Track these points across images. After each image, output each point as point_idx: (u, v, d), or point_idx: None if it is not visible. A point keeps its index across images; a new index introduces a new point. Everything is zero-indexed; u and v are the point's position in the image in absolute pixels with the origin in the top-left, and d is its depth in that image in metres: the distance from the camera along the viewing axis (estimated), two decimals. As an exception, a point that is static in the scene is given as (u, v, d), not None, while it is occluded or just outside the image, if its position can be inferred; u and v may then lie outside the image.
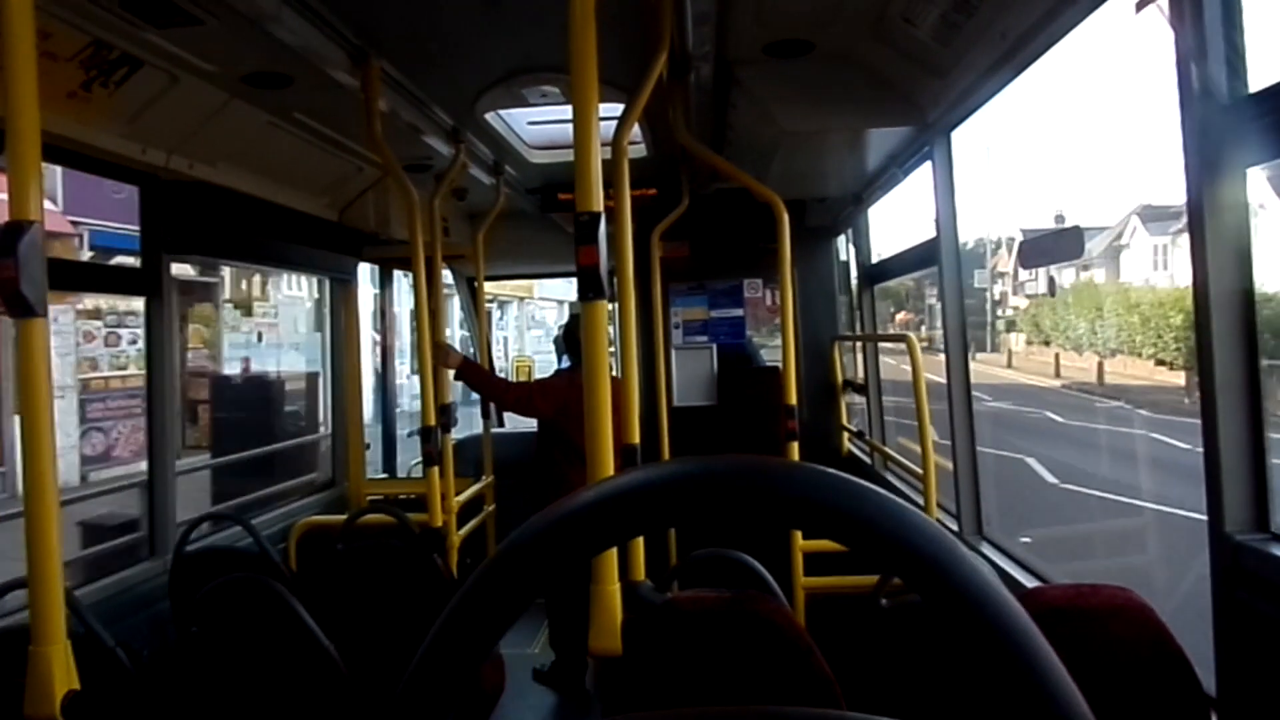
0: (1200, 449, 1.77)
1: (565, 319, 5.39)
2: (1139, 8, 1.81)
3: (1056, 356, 24.20)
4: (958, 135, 3.28)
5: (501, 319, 21.30)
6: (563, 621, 4.43)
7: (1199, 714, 1.74)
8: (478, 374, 4.50)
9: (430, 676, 0.54)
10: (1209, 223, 1.69)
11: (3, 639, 2.08)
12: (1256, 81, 1.67)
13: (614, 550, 1.91)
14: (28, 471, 1.70)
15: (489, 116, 3.78)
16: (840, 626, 2.64)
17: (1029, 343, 31.87)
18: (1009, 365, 29.09)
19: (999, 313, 40.95)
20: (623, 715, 0.52)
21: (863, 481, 0.49)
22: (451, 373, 4.28)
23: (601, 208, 1.77)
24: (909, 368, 3.75)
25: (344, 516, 3.82)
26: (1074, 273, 36.12)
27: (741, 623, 1.85)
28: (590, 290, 1.80)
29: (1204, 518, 1.81)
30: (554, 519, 0.51)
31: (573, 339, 4.61)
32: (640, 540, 2.25)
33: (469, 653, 0.53)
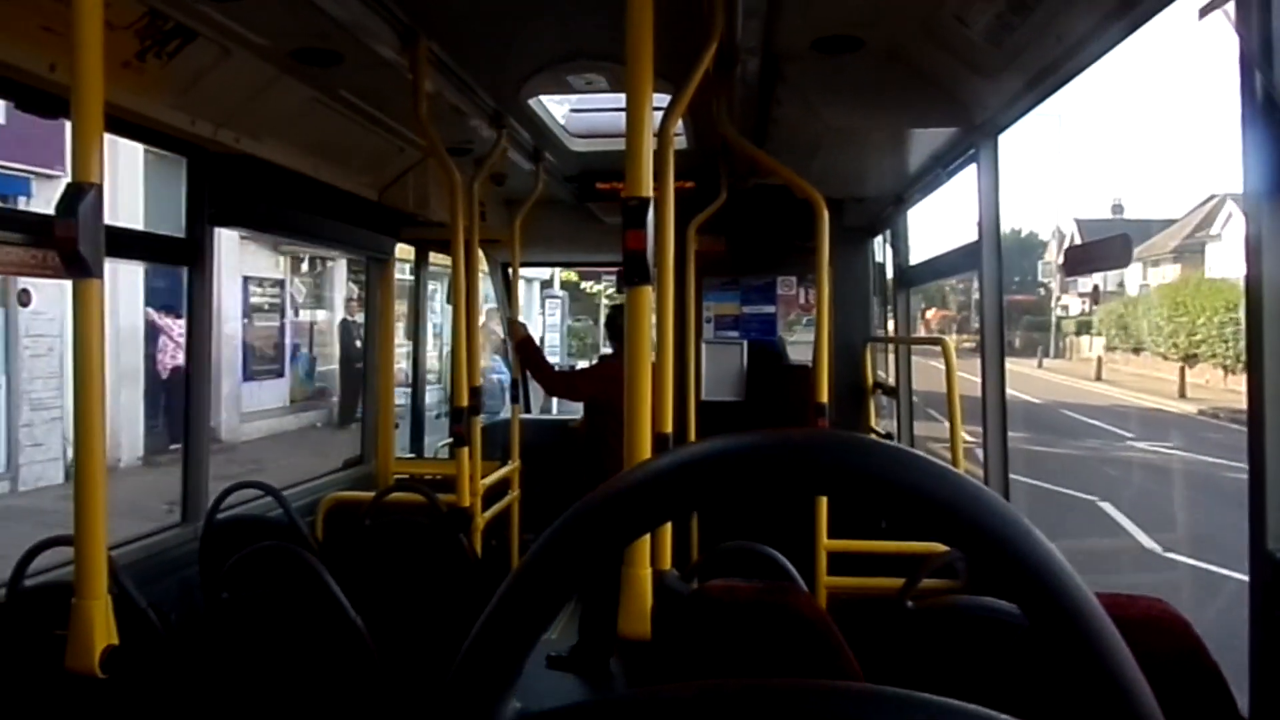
0: None
1: (536, 298, 5.69)
2: (1203, 14, 1.78)
3: (1182, 370, 19.85)
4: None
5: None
6: (595, 604, 4.49)
7: None
8: (536, 355, 4.90)
9: (495, 641, 0.54)
10: (1267, 232, 1.66)
11: (44, 594, 2.12)
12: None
13: (646, 535, 1.91)
14: (79, 431, 1.73)
15: (532, 102, 3.79)
16: (864, 627, 2.63)
17: (1110, 348, 28.56)
18: (1098, 378, 25.22)
19: (1066, 311, 38.12)
20: (650, 687, 0.52)
21: (949, 466, 0.49)
22: (488, 355, 4.41)
23: (650, 192, 1.78)
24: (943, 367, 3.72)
25: (372, 493, 3.86)
26: (1140, 269, 33.96)
27: (771, 614, 1.85)
28: (636, 275, 1.80)
29: None
30: (630, 483, 0.52)
31: (615, 327, 4.79)
32: (668, 530, 2.26)
33: (532, 623, 0.54)
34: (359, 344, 11.53)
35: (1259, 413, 1.70)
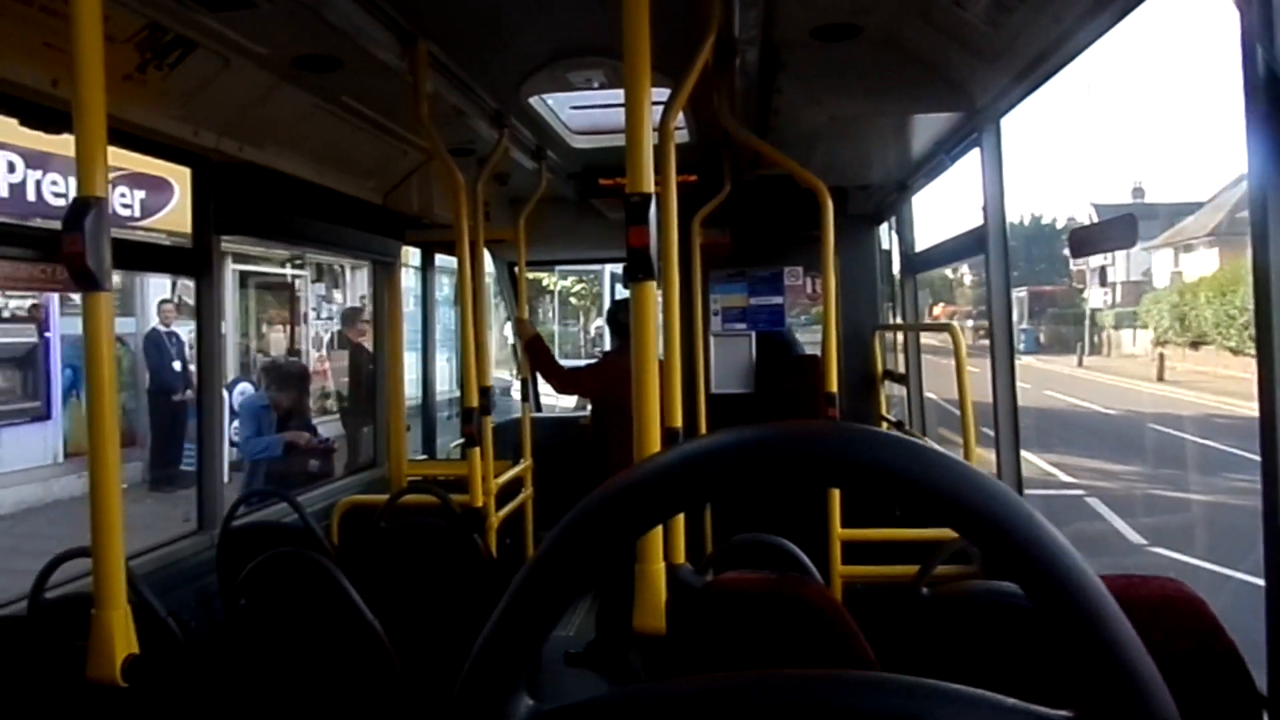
0: None
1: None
2: None
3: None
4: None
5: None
6: (612, 600, 4.51)
7: (1250, 712, 1.72)
8: (545, 352, 4.91)
9: (507, 638, 0.55)
10: (1271, 207, 1.65)
11: (64, 606, 2.14)
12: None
13: (658, 530, 1.92)
14: (92, 442, 1.74)
15: (533, 100, 3.79)
16: (879, 615, 2.63)
17: (1160, 343, 25.47)
18: (1160, 378, 22.30)
19: (1105, 301, 35.99)
20: (655, 682, 0.53)
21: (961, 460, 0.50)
22: (496, 355, 4.42)
23: (652, 188, 1.78)
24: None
25: (386, 496, 3.88)
26: (1171, 256, 31.97)
27: (784, 605, 1.86)
28: (640, 271, 1.81)
29: None
30: (637, 478, 0.52)
31: (617, 323, 4.77)
32: (681, 523, 2.27)
33: (543, 620, 0.54)
34: (177, 365, 9.60)
35: (1270, 392, 1.69)
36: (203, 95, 3.04)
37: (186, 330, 10.39)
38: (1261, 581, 1.73)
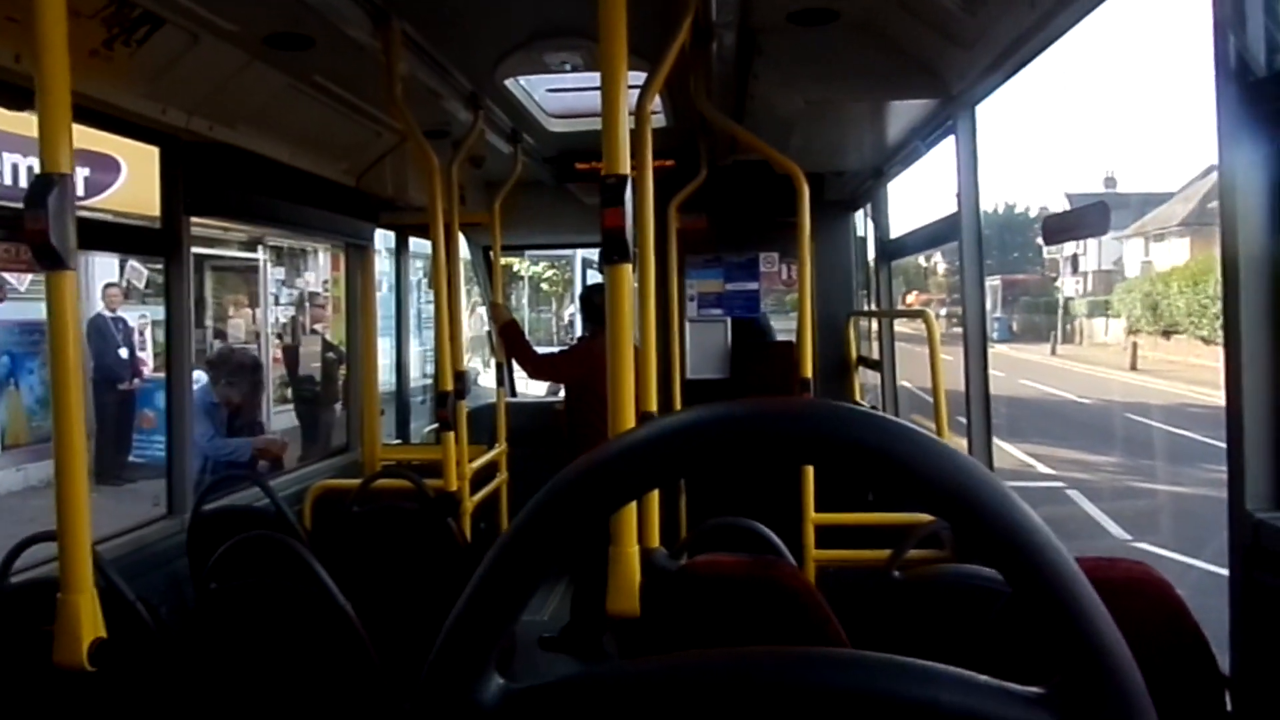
0: None
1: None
2: None
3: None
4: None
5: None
6: (586, 585, 4.51)
7: (1213, 693, 1.75)
8: (519, 337, 4.86)
9: (478, 617, 0.54)
10: (1240, 195, 1.67)
11: (30, 591, 2.11)
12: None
13: (632, 513, 1.92)
14: (57, 425, 1.72)
15: (508, 83, 3.76)
16: (852, 599, 2.65)
17: (1133, 331, 25.60)
18: (1133, 367, 22.54)
19: (1076, 290, 35.87)
20: (623, 661, 0.53)
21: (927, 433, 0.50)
22: (468, 337, 4.38)
23: (628, 169, 1.77)
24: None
25: (359, 480, 3.85)
26: (1142, 245, 31.84)
27: (758, 588, 1.87)
28: (615, 253, 1.80)
29: None
30: (609, 455, 0.52)
31: (591, 307, 4.74)
32: (655, 507, 2.27)
33: (513, 599, 0.54)
34: (123, 353, 9.44)
35: (1236, 378, 1.72)
36: (171, 73, 2.99)
37: (135, 316, 10.08)
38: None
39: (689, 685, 0.53)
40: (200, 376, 8.76)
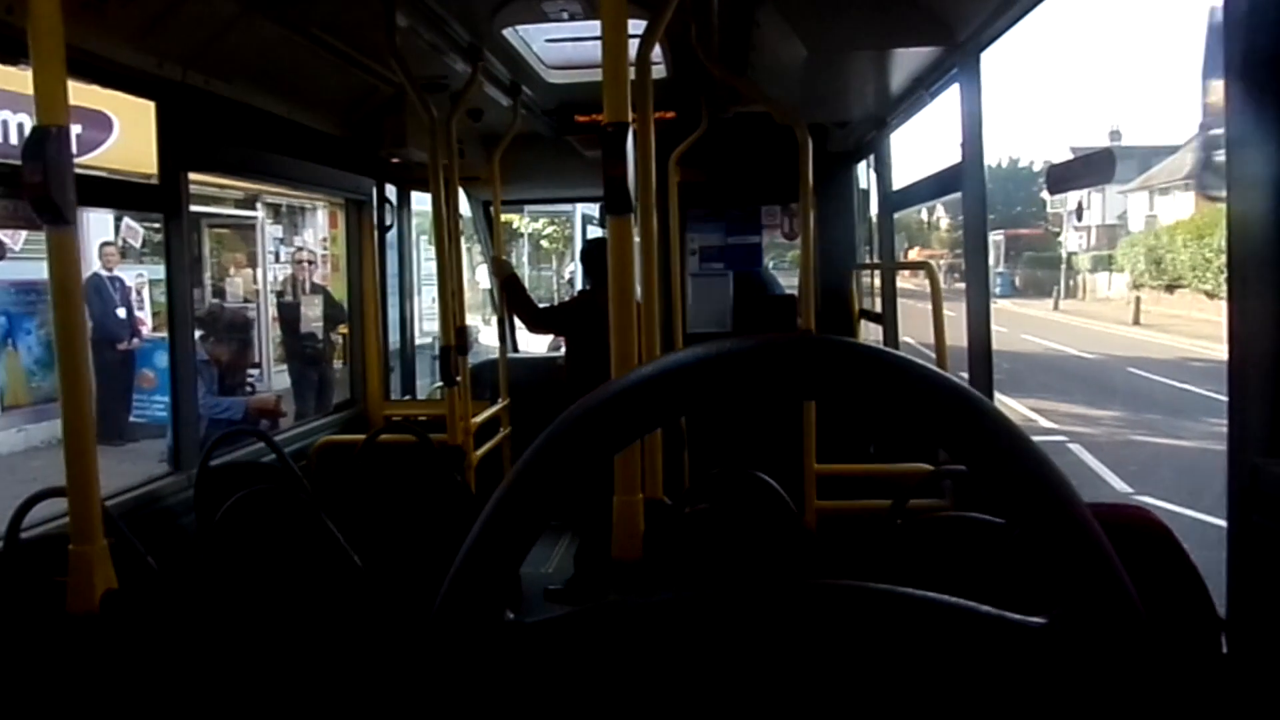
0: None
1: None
2: None
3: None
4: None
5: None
6: (590, 537, 4.56)
7: (1210, 634, 1.78)
8: (521, 292, 4.87)
9: (488, 551, 0.55)
10: (1248, 150, 1.65)
11: (41, 545, 2.14)
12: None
13: (636, 463, 1.94)
14: (63, 382, 1.72)
15: (507, 33, 3.71)
16: (854, 547, 2.68)
17: (1137, 286, 25.59)
18: (1136, 321, 22.49)
19: (1080, 245, 35.37)
20: (625, 597, 0.54)
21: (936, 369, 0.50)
22: (470, 295, 4.36)
23: (629, 118, 1.76)
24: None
25: (363, 435, 3.87)
26: (1146, 199, 31.32)
27: (758, 537, 1.89)
28: (617, 204, 1.79)
29: None
30: (624, 386, 0.52)
31: (592, 260, 4.73)
32: (659, 457, 2.29)
33: (523, 531, 0.55)
34: (121, 312, 9.41)
35: (1238, 328, 1.72)
36: (166, 25, 2.94)
37: (132, 275, 10.05)
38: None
39: (694, 616, 0.54)
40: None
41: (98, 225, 10.01)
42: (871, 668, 0.52)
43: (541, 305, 5.07)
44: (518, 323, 5.44)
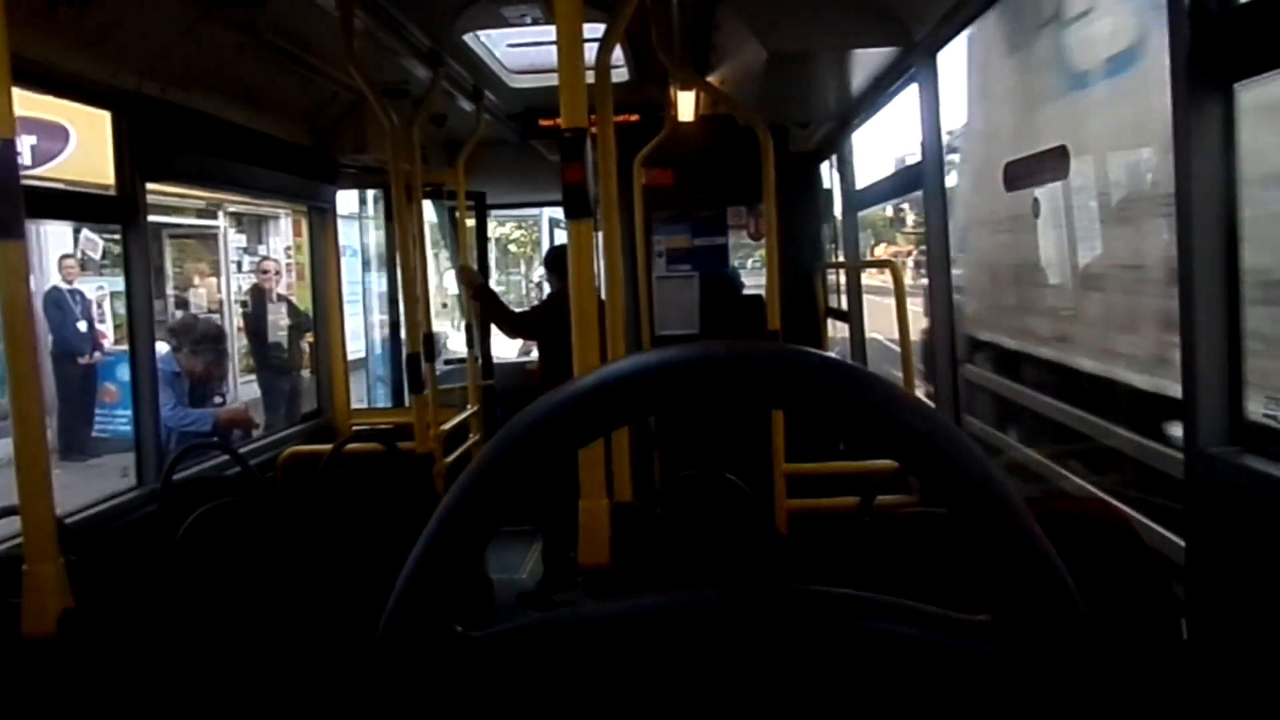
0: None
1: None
2: None
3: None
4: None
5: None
6: (556, 538, 4.55)
7: (1170, 619, 1.80)
8: (494, 299, 4.90)
9: (435, 563, 0.55)
10: (1194, 135, 1.69)
11: None
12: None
13: (602, 467, 1.93)
14: (14, 399, 1.69)
15: (468, 38, 3.70)
16: (824, 545, 2.69)
17: None
18: None
19: None
20: (577, 607, 0.54)
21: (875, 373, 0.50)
22: (439, 302, 4.34)
23: (587, 123, 1.76)
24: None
25: (330, 445, 3.84)
26: None
27: (727, 539, 1.89)
28: (576, 208, 1.79)
29: None
30: (575, 390, 0.52)
31: (559, 264, 4.74)
32: (625, 460, 2.28)
33: (469, 543, 0.54)
34: (82, 325, 9.24)
35: (1190, 319, 1.75)
36: (120, 34, 2.90)
37: (93, 287, 9.74)
38: None
39: (646, 625, 0.54)
40: (161, 346, 8.62)
41: (56, 238, 9.81)
42: (814, 672, 0.52)
43: (517, 310, 5.06)
44: (493, 330, 5.42)
